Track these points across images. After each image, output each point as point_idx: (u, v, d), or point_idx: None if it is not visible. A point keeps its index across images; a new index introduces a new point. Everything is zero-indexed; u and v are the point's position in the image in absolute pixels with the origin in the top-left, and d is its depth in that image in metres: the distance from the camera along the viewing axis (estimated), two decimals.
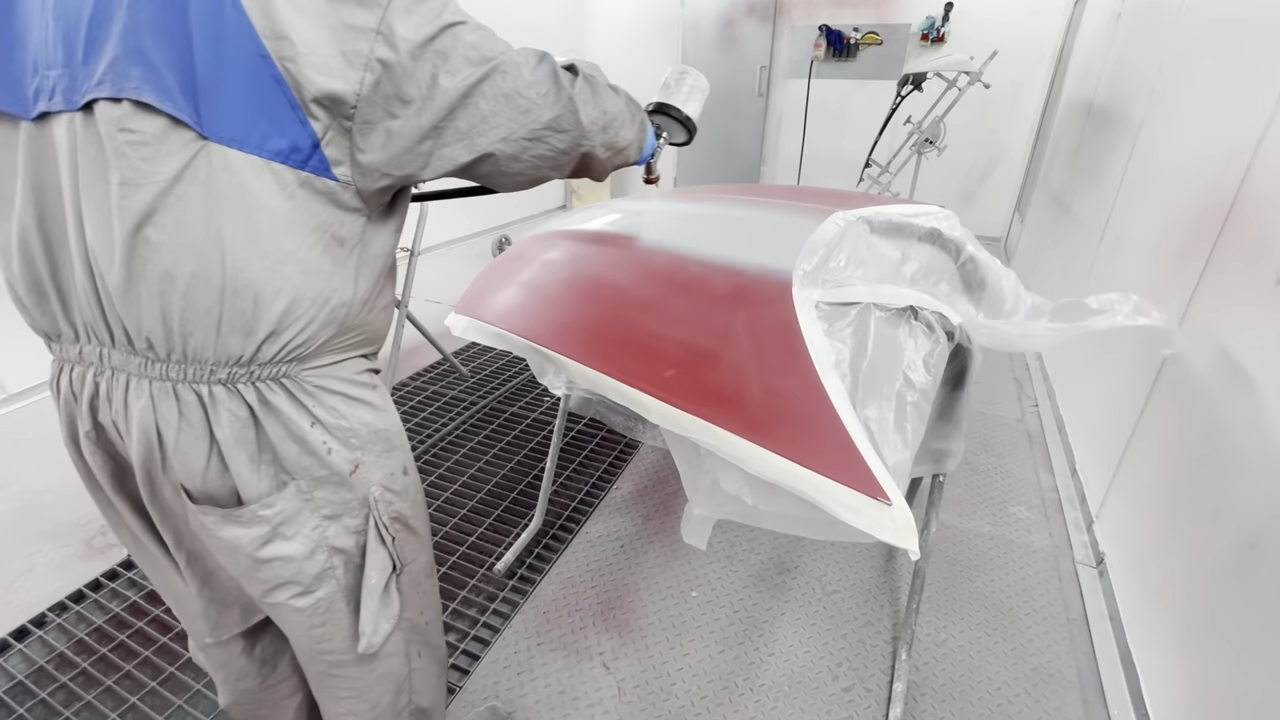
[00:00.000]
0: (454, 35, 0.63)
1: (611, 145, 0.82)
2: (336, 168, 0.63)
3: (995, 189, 5.09)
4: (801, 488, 0.75)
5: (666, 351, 0.96)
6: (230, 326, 0.63)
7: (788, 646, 1.51)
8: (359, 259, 0.69)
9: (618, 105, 0.81)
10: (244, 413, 0.67)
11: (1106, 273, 2.23)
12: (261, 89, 0.58)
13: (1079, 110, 3.33)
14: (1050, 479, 2.11)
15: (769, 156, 5.77)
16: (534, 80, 0.68)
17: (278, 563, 0.72)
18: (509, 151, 0.69)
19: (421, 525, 0.87)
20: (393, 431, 0.79)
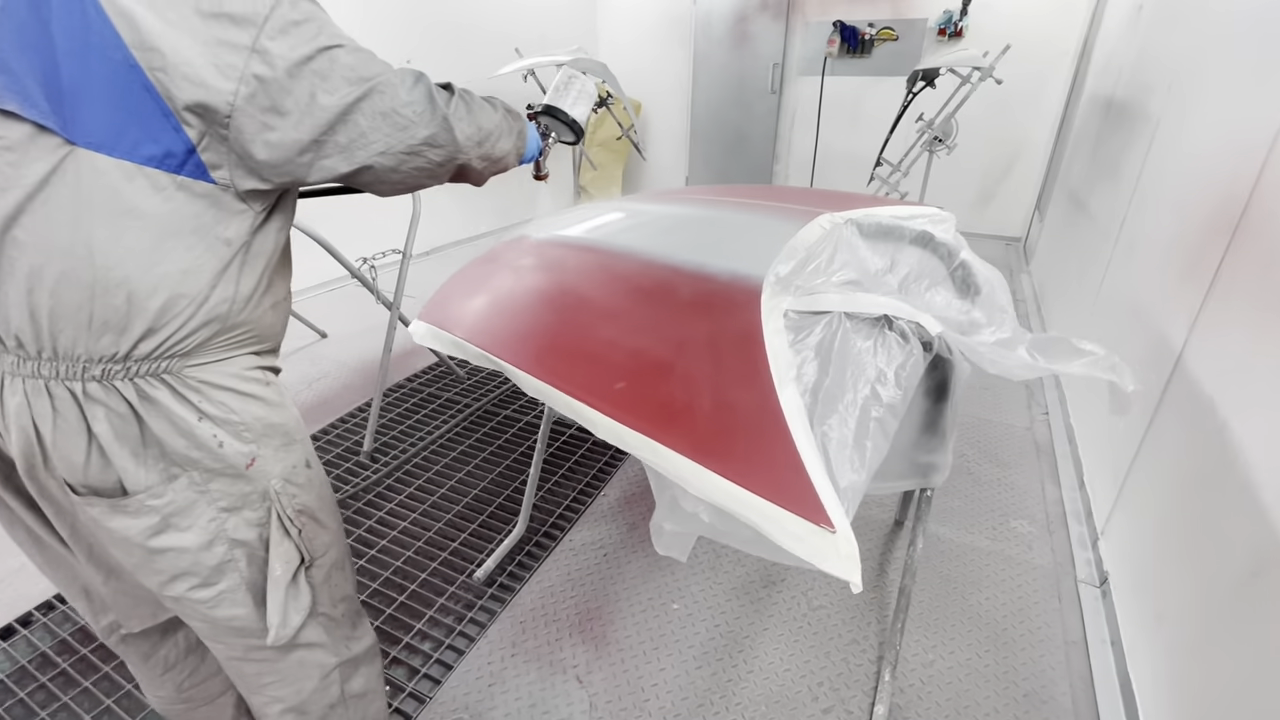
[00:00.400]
0: (331, 57, 0.67)
1: (487, 157, 0.87)
2: (215, 171, 0.66)
3: (1015, 188, 4.94)
4: (742, 511, 0.71)
5: (619, 363, 0.92)
6: (102, 324, 0.64)
7: (768, 664, 1.46)
8: (242, 259, 0.72)
9: (494, 120, 0.87)
10: (123, 408, 0.68)
11: (1121, 276, 2.13)
12: (132, 97, 0.61)
13: (1099, 107, 3.20)
14: (1056, 491, 2.02)
15: (782, 155, 5.68)
16: (410, 100, 0.72)
17: (172, 553, 0.74)
18: (387, 164, 0.73)
19: (330, 518, 0.89)
20: (290, 426, 0.81)
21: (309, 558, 0.83)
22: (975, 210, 5.12)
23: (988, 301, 1.35)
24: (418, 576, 1.71)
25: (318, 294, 3.69)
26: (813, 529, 0.68)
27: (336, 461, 2.19)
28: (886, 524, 1.87)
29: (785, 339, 0.95)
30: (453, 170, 0.82)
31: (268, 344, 0.82)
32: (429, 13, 4.11)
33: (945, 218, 1.67)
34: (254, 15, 0.63)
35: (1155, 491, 1.48)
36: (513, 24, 4.80)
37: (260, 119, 0.65)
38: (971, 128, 4.77)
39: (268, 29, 0.63)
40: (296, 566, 0.81)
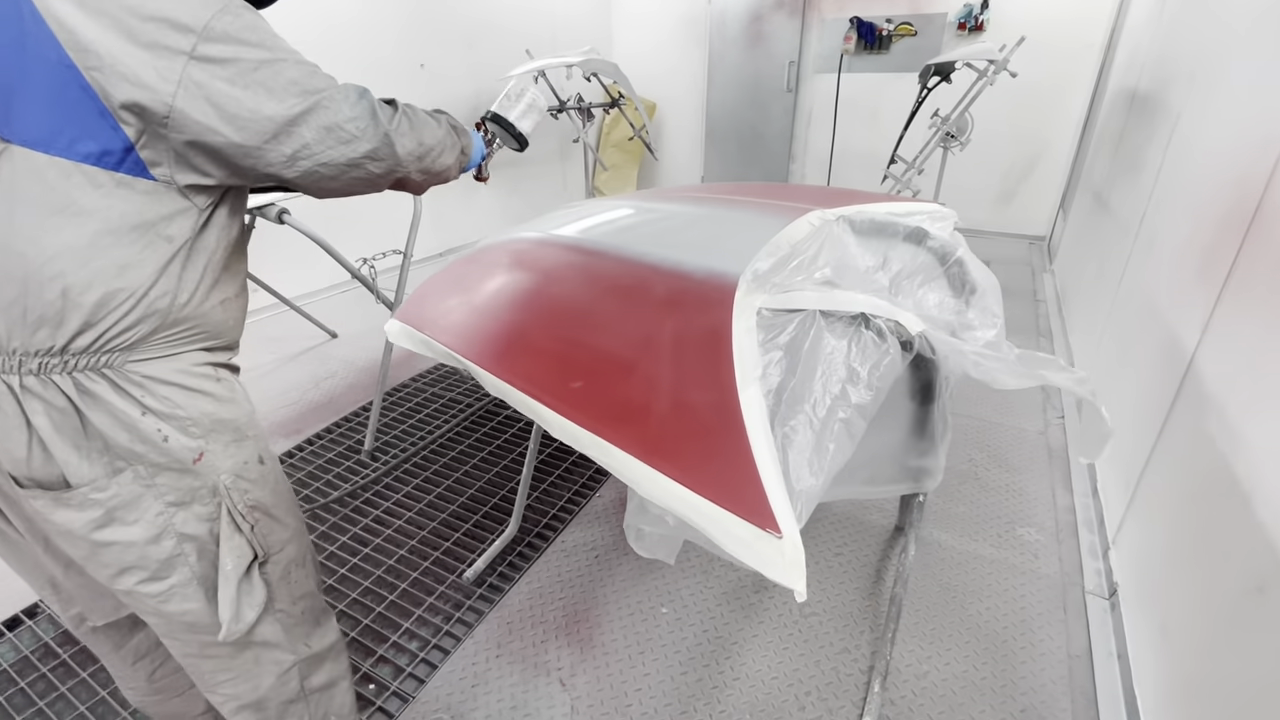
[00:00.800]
0: (275, 70, 0.68)
1: (428, 170, 0.89)
2: (155, 169, 0.67)
3: (1038, 186, 4.80)
4: (689, 514, 0.69)
5: (580, 362, 0.91)
6: (38, 318, 0.65)
7: (755, 671, 1.42)
8: (186, 255, 0.72)
9: (437, 136, 0.89)
10: (62, 401, 0.68)
11: (1139, 273, 2.05)
12: (68, 96, 0.61)
13: (1123, 100, 3.09)
14: (1068, 498, 1.95)
15: (798, 154, 5.61)
16: (354, 115, 0.73)
17: (117, 547, 0.74)
18: (328, 174, 0.75)
19: (286, 514, 0.88)
20: (241, 422, 0.81)
21: (263, 553, 0.83)
22: (997, 208, 4.99)
23: (980, 304, 1.30)
24: (409, 575, 1.71)
25: (330, 295, 3.74)
26: (759, 534, 0.65)
27: (337, 460, 2.21)
28: (886, 529, 1.82)
29: (754, 337, 0.92)
30: (392, 181, 0.84)
31: (219, 340, 0.82)
32: (442, 15, 4.15)
33: (945, 214, 1.62)
34: (194, 22, 0.64)
35: (1166, 498, 1.41)
36: (527, 25, 4.83)
37: (202, 122, 0.65)
38: (994, 124, 4.65)
39: (207, 36, 0.64)
40: (249, 562, 0.81)
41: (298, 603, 0.91)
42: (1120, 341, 2.09)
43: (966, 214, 4.97)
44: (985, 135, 4.78)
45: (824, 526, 1.84)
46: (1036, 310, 3.46)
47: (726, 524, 0.67)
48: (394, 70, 3.89)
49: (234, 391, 0.83)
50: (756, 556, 0.64)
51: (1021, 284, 3.88)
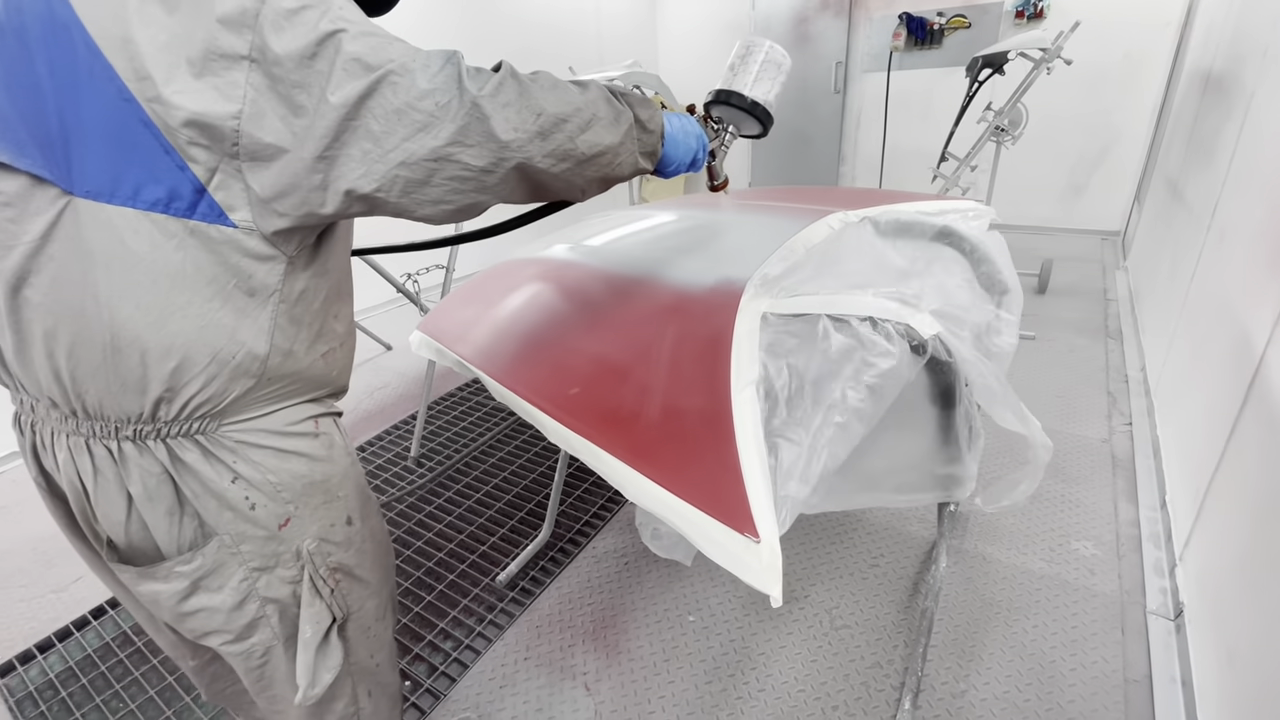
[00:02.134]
0: (335, 46, 0.55)
1: (567, 154, 0.66)
2: (233, 213, 0.59)
3: (1110, 177, 4.50)
4: (670, 517, 0.69)
5: (579, 369, 0.92)
6: (122, 385, 0.61)
7: (781, 683, 1.39)
8: (275, 309, 0.65)
9: (571, 104, 0.66)
10: (156, 469, 0.65)
11: (1211, 267, 1.89)
12: (128, 135, 0.55)
13: (1198, 82, 2.87)
14: (1132, 511, 1.81)
15: (848, 155, 5.49)
16: (430, 89, 0.57)
17: (203, 614, 0.71)
18: (414, 177, 0.59)
19: (370, 572, 0.83)
20: (334, 482, 0.75)
21: (342, 616, 0.79)
22: (1065, 203, 4.71)
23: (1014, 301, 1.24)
24: (446, 578, 1.77)
25: (389, 309, 3.94)
26: (736, 537, 0.65)
27: (386, 466, 2.32)
28: (927, 541, 1.74)
29: (756, 341, 0.92)
30: (510, 177, 0.64)
31: (323, 391, 0.75)
32: (491, 40, 4.32)
33: (981, 211, 1.56)
34: (244, 13, 0.54)
35: (1234, 510, 1.29)
36: (573, 45, 4.95)
37: (270, 141, 0.56)
38: (1059, 113, 4.41)
39: (262, 27, 0.54)
40: (328, 626, 0.76)
41: (374, 656, 0.88)
42: (1192, 341, 1.93)
43: (1031, 210, 4.77)
44: (1049, 126, 4.54)
45: (860, 536, 1.78)
46: (1106, 310, 3.25)
47: (704, 527, 0.67)
48: None
49: (331, 447, 0.76)
50: (733, 560, 0.64)
51: (1091, 283, 3.64)
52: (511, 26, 4.46)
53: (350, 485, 0.79)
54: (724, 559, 0.65)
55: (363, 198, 0.59)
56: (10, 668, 1.59)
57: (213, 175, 0.57)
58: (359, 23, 0.58)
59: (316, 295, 0.69)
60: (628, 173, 0.75)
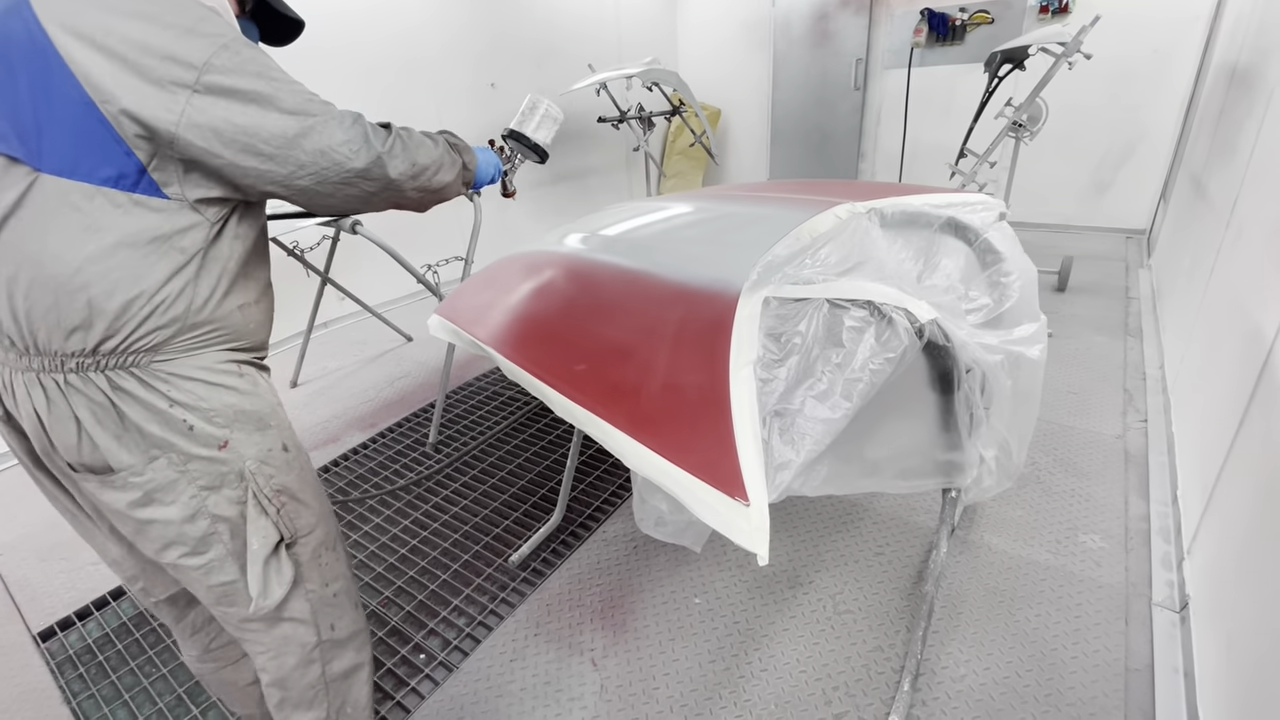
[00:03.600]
0: (271, 99, 0.75)
1: (425, 189, 0.93)
2: (167, 188, 0.76)
3: (1137, 175, 4.42)
4: (666, 483, 0.73)
5: (586, 348, 0.97)
6: (70, 324, 0.74)
7: (783, 664, 1.43)
8: (199, 264, 0.80)
9: (432, 156, 0.92)
10: (99, 396, 0.77)
11: (1229, 263, 1.87)
12: (88, 128, 0.71)
13: (1223, 76, 2.82)
14: (1143, 506, 1.80)
15: (867, 152, 5.46)
16: (347, 139, 0.79)
17: (158, 524, 0.83)
18: (323, 191, 0.81)
19: (313, 498, 0.94)
20: (264, 412, 0.88)
21: (290, 535, 0.90)
22: (1089, 200, 4.64)
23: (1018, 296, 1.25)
24: (461, 557, 1.83)
25: (409, 302, 4.03)
26: (726, 500, 0.68)
27: (406, 451, 2.39)
28: (933, 531, 1.76)
29: (756, 324, 0.95)
30: (389, 200, 0.89)
31: (241, 342, 0.88)
32: (513, 38, 4.39)
33: (990, 204, 1.57)
34: (196, 59, 0.72)
35: (1240, 504, 1.29)
36: (593, 44, 5.01)
37: (203, 147, 0.73)
38: (1084, 109, 4.35)
39: (209, 70, 0.72)
40: (275, 543, 0.88)
41: (329, 585, 0.97)
42: (1208, 338, 1.92)
43: (1054, 208, 4.71)
44: (1074, 122, 4.48)
45: (866, 525, 1.80)
46: (1127, 308, 3.21)
47: (698, 492, 0.70)
48: (468, 89, 4.15)
49: (257, 385, 0.89)
50: (722, 521, 0.68)
51: (1113, 281, 3.60)
52: (531, 25, 4.53)
53: (281, 417, 0.92)
54: (715, 521, 0.68)
55: (279, 196, 0.81)
56: (51, 633, 1.68)
57: (152, 159, 0.74)
58: (292, 83, 0.78)
59: (233, 255, 0.84)
60: (454, 195, 1.02)
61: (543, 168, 4.85)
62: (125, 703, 1.47)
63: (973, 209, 1.52)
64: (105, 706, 1.46)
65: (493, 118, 4.32)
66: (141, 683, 1.52)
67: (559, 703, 1.39)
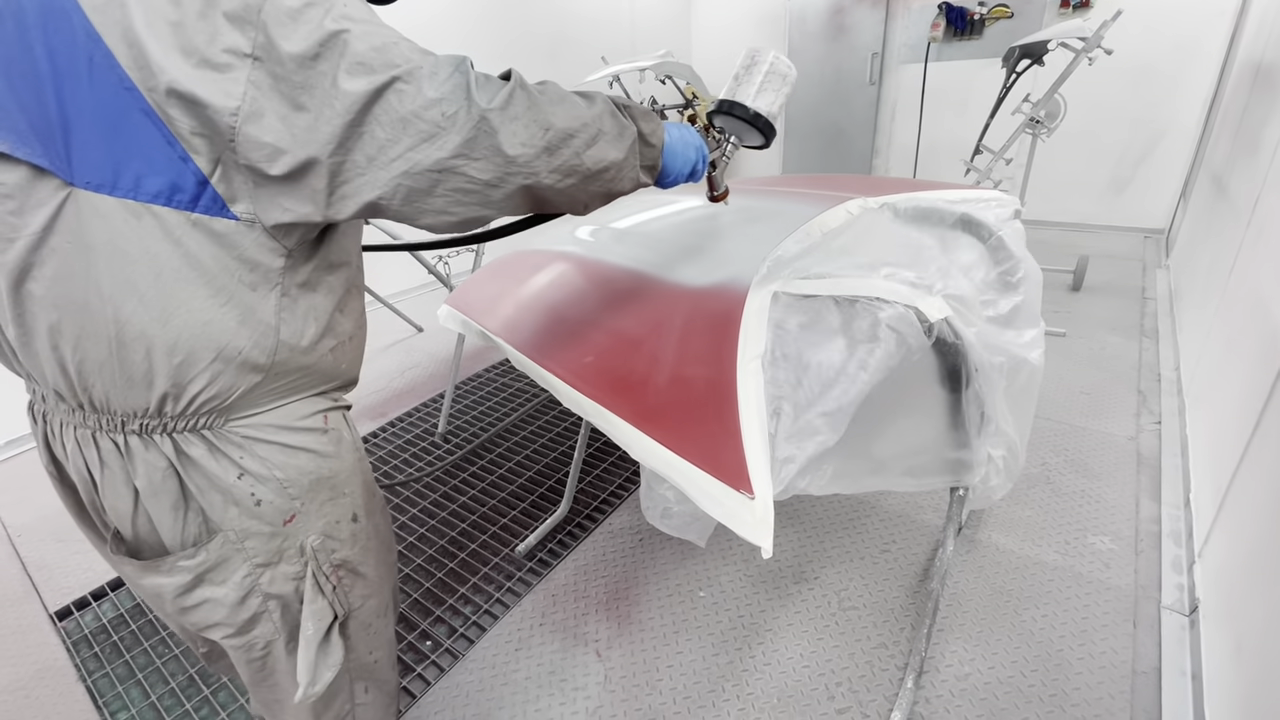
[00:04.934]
0: (339, 47, 0.54)
1: (573, 170, 0.65)
2: (235, 205, 0.58)
3: (1155, 173, 4.35)
4: (671, 475, 0.73)
5: (593, 339, 0.97)
6: (129, 380, 0.60)
7: (786, 658, 1.43)
8: (280, 303, 0.64)
9: (581, 117, 0.65)
10: (162, 464, 0.64)
11: (1249, 264, 1.85)
12: (130, 124, 0.54)
13: (1247, 73, 2.77)
14: (1154, 508, 1.79)
15: (882, 149, 5.42)
16: (437, 98, 0.56)
17: (206, 606, 0.71)
18: (418, 186, 0.58)
19: (374, 569, 0.83)
20: (341, 479, 0.75)
21: (344, 613, 0.79)
22: (1107, 199, 4.58)
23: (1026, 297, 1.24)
24: (468, 547, 1.85)
25: (421, 293, 4.05)
26: (731, 493, 0.69)
27: (415, 441, 2.41)
28: (940, 529, 1.75)
29: (765, 318, 0.95)
30: (516, 193, 0.63)
31: (334, 382, 0.75)
32: (527, 29, 4.38)
33: (1004, 201, 1.56)
34: (248, 8, 0.53)
35: (1252, 507, 1.27)
36: (607, 35, 4.99)
37: (270, 143, 0.55)
38: (1104, 106, 4.29)
39: (267, 23, 0.53)
40: (330, 623, 0.76)
41: (373, 653, 0.87)
42: (1225, 339, 1.89)
43: (1070, 206, 4.65)
44: (1093, 119, 4.41)
45: (873, 523, 1.80)
46: (1143, 309, 3.16)
47: (704, 484, 0.71)
48: None
49: (340, 443, 0.75)
50: (727, 514, 0.68)
51: (1129, 281, 3.55)
52: (544, 16, 4.52)
53: (357, 482, 0.78)
54: (720, 513, 0.69)
55: (365, 204, 0.59)
56: (68, 612, 1.72)
57: (216, 166, 0.56)
58: (364, 20, 0.56)
59: (319, 289, 0.67)
60: (629, 187, 0.75)
61: None
62: (138, 682, 1.50)
63: (987, 206, 1.51)
64: (119, 685, 1.49)
65: None
66: (154, 662, 1.54)
67: (563, 692, 1.40)
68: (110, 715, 1.41)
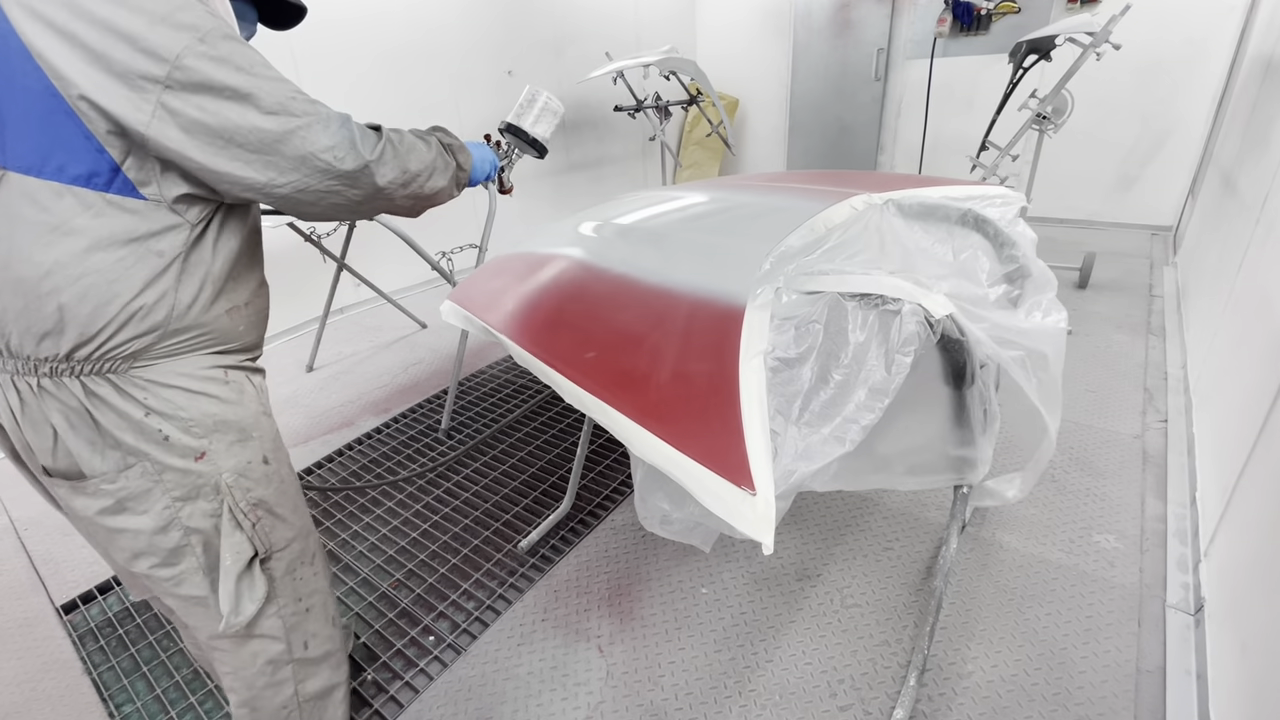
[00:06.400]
0: (251, 98, 0.69)
1: (416, 195, 0.89)
2: (144, 188, 0.71)
3: (1164, 170, 4.32)
4: (673, 471, 0.73)
5: (596, 336, 0.97)
6: (40, 330, 0.71)
7: (789, 656, 1.43)
8: (180, 268, 0.75)
9: (424, 161, 0.89)
10: (74, 402, 0.74)
11: (1257, 262, 1.83)
12: (55, 122, 0.66)
13: (1258, 68, 2.74)
14: (1160, 507, 1.78)
15: (887, 145, 5.39)
16: (331, 145, 0.74)
17: (128, 534, 0.79)
18: (306, 199, 0.77)
19: (292, 513, 0.90)
20: (247, 423, 0.84)
21: (264, 550, 0.85)
22: (1114, 196, 4.54)
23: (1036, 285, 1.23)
24: (471, 542, 1.85)
25: (424, 290, 4.05)
26: (733, 489, 0.68)
27: (418, 437, 2.42)
28: (944, 527, 1.74)
29: (767, 314, 0.94)
30: (377, 208, 0.85)
31: (230, 345, 0.84)
32: (532, 26, 4.37)
33: (1010, 198, 1.55)
34: (168, 52, 0.65)
35: (1260, 504, 1.26)
36: (612, 32, 4.97)
37: (176, 150, 0.68)
38: (1112, 101, 4.25)
39: (180, 65, 0.66)
40: (250, 558, 0.83)
41: (303, 600, 0.92)
42: (1233, 337, 1.88)
43: (1077, 203, 4.62)
44: (1100, 115, 4.38)
45: (876, 520, 1.79)
46: (1150, 306, 3.14)
47: (705, 481, 0.70)
48: (486, 77, 4.15)
49: (242, 394, 0.84)
50: (729, 511, 0.68)
51: (1136, 278, 3.52)
52: (549, 13, 4.50)
53: (264, 428, 0.87)
54: (722, 510, 0.68)
55: (258, 200, 0.76)
56: (73, 606, 1.73)
57: (126, 157, 0.69)
58: (275, 79, 0.72)
59: (218, 258, 0.79)
60: (446, 199, 0.98)
61: (558, 156, 4.84)
62: (144, 675, 1.51)
63: (992, 203, 1.50)
64: (125, 678, 1.50)
65: (509, 105, 4.31)
66: (159, 656, 1.55)
67: (565, 687, 1.40)
68: (116, 708, 1.42)
